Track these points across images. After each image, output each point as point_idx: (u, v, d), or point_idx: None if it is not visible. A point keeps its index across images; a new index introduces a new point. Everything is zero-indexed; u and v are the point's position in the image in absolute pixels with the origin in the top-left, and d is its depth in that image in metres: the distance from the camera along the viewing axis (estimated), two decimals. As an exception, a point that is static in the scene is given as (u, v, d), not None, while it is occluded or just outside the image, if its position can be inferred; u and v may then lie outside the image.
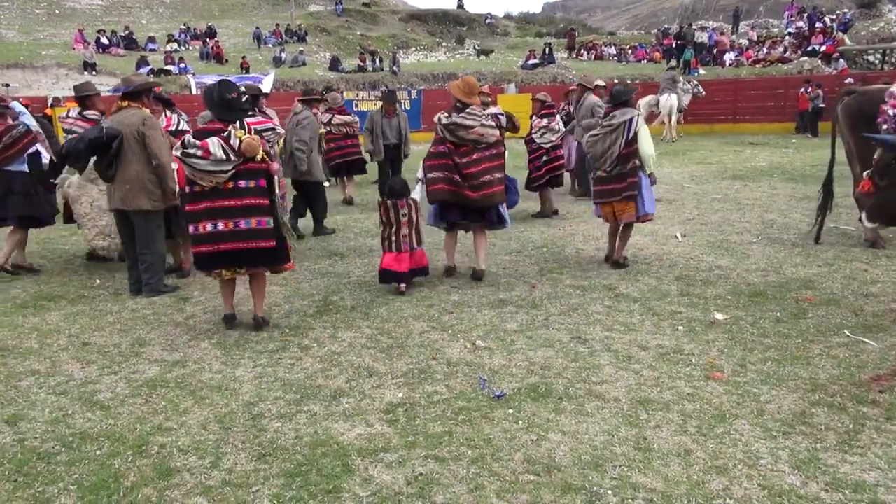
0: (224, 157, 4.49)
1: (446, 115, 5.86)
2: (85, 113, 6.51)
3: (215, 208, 4.56)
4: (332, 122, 10.74)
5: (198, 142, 4.52)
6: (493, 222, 6.06)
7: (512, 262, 6.65)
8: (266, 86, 21.19)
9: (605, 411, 3.45)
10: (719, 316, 4.85)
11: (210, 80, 23.10)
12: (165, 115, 6.53)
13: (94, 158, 5.58)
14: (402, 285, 5.69)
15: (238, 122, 4.67)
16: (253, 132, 4.73)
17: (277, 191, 4.89)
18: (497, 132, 5.91)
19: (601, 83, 10.53)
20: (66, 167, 6.08)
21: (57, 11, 32.21)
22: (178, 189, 5.53)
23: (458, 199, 5.83)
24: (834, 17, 31.06)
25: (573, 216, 8.93)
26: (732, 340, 4.40)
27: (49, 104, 16.70)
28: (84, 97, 6.50)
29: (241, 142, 4.52)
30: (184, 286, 6.02)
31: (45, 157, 6.68)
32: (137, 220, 5.56)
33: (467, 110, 5.86)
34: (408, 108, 20.69)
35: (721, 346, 4.30)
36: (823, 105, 20.36)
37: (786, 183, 11.29)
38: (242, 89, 4.91)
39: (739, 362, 4.03)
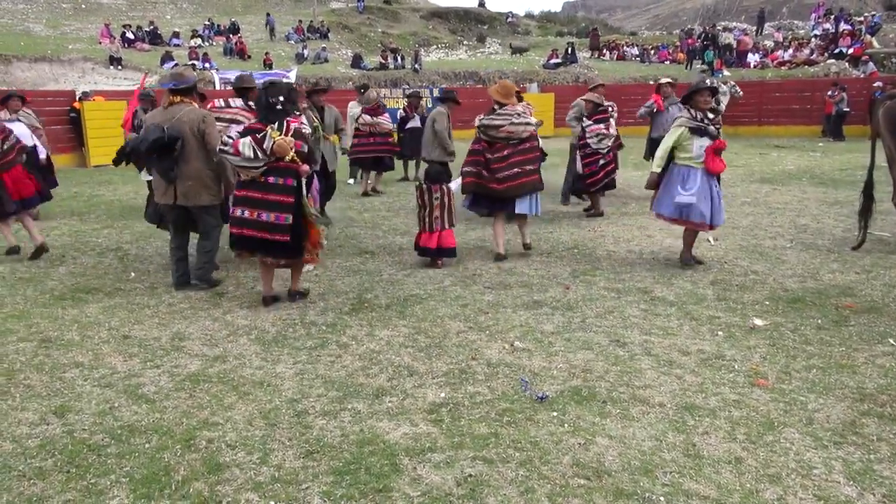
0: (252, 156, 4.93)
1: (481, 116, 6.54)
2: (251, 104, 6.57)
3: (247, 197, 5.08)
4: (359, 119, 10.87)
5: (231, 141, 5.01)
6: (516, 213, 6.69)
7: (544, 262, 6.62)
8: (289, 82, 21.32)
9: (651, 416, 3.42)
10: (759, 322, 4.80)
11: (233, 75, 23.34)
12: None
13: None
14: (440, 261, 6.52)
15: (277, 124, 5.02)
16: (292, 132, 5.06)
17: (304, 190, 5.17)
18: (530, 127, 6.46)
19: (666, 80, 10.15)
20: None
21: (83, 6, 32.53)
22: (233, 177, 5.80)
23: (486, 191, 6.59)
24: (861, 19, 30.61)
25: (602, 217, 8.88)
26: (774, 347, 4.35)
27: (77, 98, 16.86)
28: (245, 89, 6.63)
29: (273, 142, 4.91)
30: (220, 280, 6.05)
31: (42, 153, 8.11)
32: (199, 214, 5.70)
33: (499, 111, 6.49)
34: (430, 106, 20.70)
35: (763, 353, 4.25)
36: (848, 109, 20.13)
37: (815, 187, 11.16)
38: (290, 84, 5.14)
39: (783, 369, 3.99)
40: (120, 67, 23.27)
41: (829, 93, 20.36)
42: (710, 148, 5.94)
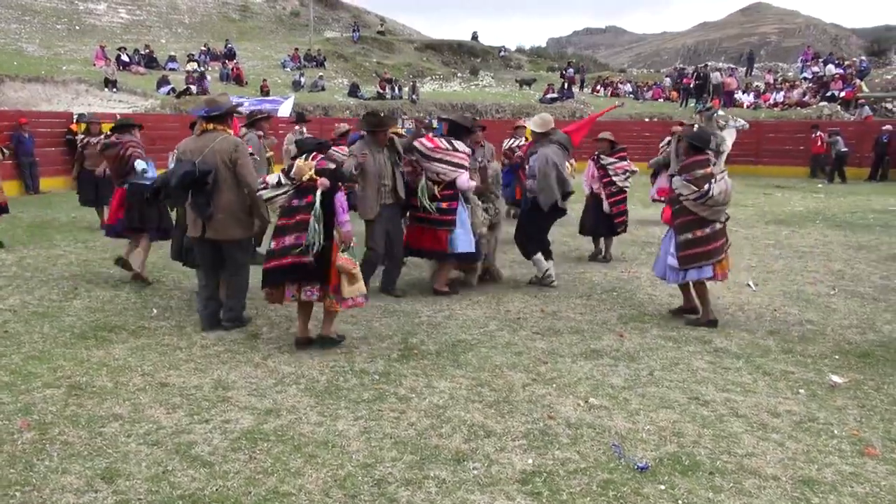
0: (276, 182, 4.99)
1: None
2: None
3: (277, 228, 4.95)
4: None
5: (260, 179, 5.19)
6: None
7: (587, 306, 6.35)
8: (285, 110, 21.03)
9: (769, 491, 3.12)
10: (837, 379, 4.54)
11: (234, 100, 23.00)
12: None
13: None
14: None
15: (305, 156, 5.05)
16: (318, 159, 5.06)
17: (318, 203, 4.84)
18: None
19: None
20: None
21: (77, 27, 32.18)
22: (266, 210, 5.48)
23: None
24: (849, 63, 31.27)
25: (632, 258, 8.66)
26: (864, 409, 4.09)
27: (74, 120, 16.43)
28: (467, 130, 6.82)
29: (293, 167, 4.96)
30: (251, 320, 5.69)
31: None
32: (229, 249, 5.33)
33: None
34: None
35: (856, 415, 3.99)
36: (846, 149, 20.27)
37: (833, 230, 11.06)
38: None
39: (886, 436, 3.72)
40: (115, 90, 22.88)
41: (822, 133, 20.62)
42: None
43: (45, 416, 3.80)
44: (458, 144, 6.51)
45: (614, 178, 8.19)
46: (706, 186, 5.49)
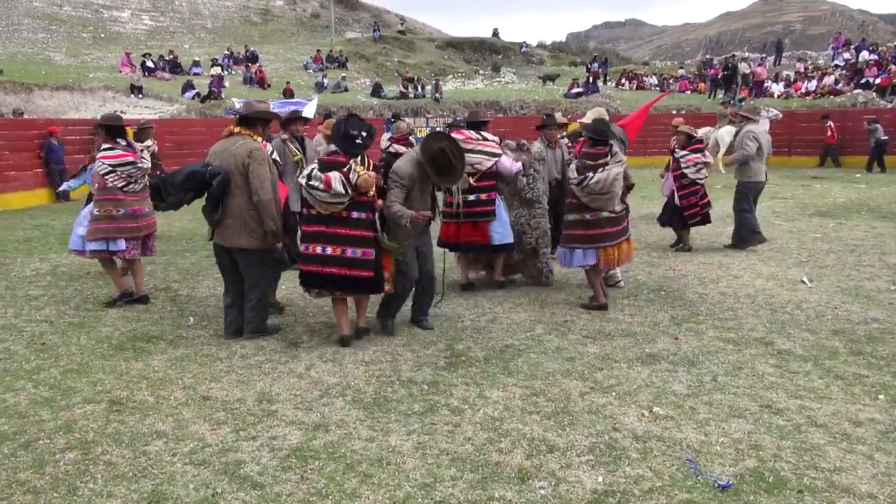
0: (343, 191, 4.77)
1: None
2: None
3: (328, 233, 4.87)
4: (388, 150, 10.28)
5: (322, 175, 4.77)
6: None
7: (635, 306, 6.09)
8: (309, 111, 20.94)
9: (867, 512, 2.86)
10: (917, 382, 4.25)
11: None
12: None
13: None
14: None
15: (360, 158, 4.94)
16: (371, 167, 5.02)
17: (378, 224, 5.05)
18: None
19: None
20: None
21: (102, 35, 32.52)
22: (277, 224, 5.11)
23: None
24: (884, 49, 30.38)
25: (676, 254, 8.36)
26: (953, 415, 3.80)
27: (102, 126, 16.50)
28: (482, 123, 6.70)
29: (358, 177, 4.80)
30: (288, 327, 5.54)
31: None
32: (240, 258, 5.15)
33: None
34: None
35: (945, 423, 3.70)
36: (886, 137, 19.65)
37: (880, 221, 10.64)
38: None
39: (984, 446, 3.43)
40: (141, 96, 23.05)
41: (825, 124, 20.49)
42: None
43: (87, 433, 3.66)
44: (486, 134, 6.51)
45: (685, 171, 8.35)
46: (587, 174, 5.71)
